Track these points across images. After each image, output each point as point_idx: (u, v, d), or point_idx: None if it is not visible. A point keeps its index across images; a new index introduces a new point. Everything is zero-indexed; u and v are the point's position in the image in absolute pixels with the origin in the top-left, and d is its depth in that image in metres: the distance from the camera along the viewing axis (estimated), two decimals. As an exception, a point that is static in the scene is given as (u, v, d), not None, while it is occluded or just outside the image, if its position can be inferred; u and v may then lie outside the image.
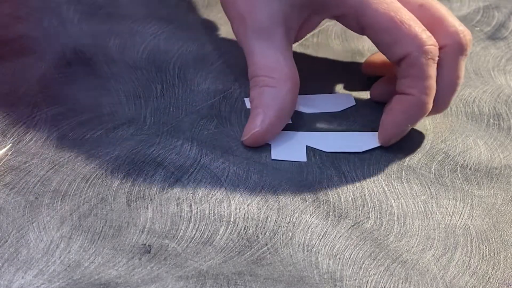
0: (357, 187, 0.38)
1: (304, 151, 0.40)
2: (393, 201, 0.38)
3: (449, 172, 0.40)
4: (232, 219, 0.36)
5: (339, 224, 0.36)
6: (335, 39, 0.51)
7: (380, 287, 0.33)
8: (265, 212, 0.36)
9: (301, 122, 0.43)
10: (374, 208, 0.37)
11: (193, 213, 0.36)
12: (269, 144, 0.40)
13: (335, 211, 0.37)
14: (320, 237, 0.35)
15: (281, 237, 0.35)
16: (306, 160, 0.40)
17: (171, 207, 0.36)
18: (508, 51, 0.51)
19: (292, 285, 0.33)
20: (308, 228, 0.36)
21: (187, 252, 0.34)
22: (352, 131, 0.42)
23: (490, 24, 0.54)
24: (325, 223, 0.36)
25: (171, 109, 0.42)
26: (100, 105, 0.42)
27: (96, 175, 0.37)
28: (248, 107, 0.43)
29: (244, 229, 0.35)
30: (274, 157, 0.40)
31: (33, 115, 0.41)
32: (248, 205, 0.37)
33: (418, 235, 0.36)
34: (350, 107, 0.44)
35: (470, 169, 0.41)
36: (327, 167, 0.40)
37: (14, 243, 0.33)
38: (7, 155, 0.38)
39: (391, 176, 0.39)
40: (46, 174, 0.37)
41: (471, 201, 0.38)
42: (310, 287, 0.33)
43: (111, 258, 0.33)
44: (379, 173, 0.40)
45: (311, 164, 0.40)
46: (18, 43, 0.46)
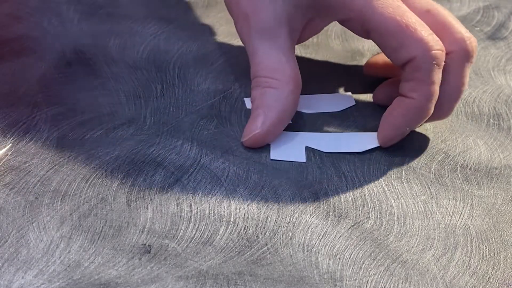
0: (357, 187, 0.38)
1: (303, 152, 0.40)
2: (393, 201, 0.38)
3: (449, 172, 0.40)
4: (232, 219, 0.36)
5: (339, 224, 0.36)
6: (335, 39, 0.51)
7: (380, 287, 0.33)
8: (265, 212, 0.36)
9: (301, 122, 0.43)
10: (374, 208, 0.37)
11: (193, 213, 0.36)
12: (269, 144, 0.40)
13: (335, 211, 0.37)
14: (320, 237, 0.35)
15: (281, 237, 0.35)
16: (305, 160, 0.40)
17: (171, 207, 0.36)
18: (508, 51, 0.51)
19: (292, 285, 0.33)
20: (308, 228, 0.36)
21: (187, 252, 0.34)
22: (352, 131, 0.42)
23: (490, 24, 0.54)
24: (325, 223, 0.36)
25: (171, 109, 0.42)
26: (100, 105, 0.42)
27: (96, 175, 0.37)
28: (248, 107, 0.43)
29: (244, 229, 0.35)
30: (273, 157, 0.40)
31: (33, 115, 0.41)
32: (248, 205, 0.37)
33: (418, 235, 0.36)
34: (350, 107, 0.44)
35: (470, 169, 0.41)
36: (327, 167, 0.40)
37: (14, 243, 0.33)
38: (7, 155, 0.38)
39: (391, 176, 0.39)
40: (46, 174, 0.37)
41: (471, 201, 0.38)
42: (310, 287, 0.33)
43: (111, 258, 0.33)
44: (379, 173, 0.40)
45: (311, 164, 0.40)
46: (18, 43, 0.46)
